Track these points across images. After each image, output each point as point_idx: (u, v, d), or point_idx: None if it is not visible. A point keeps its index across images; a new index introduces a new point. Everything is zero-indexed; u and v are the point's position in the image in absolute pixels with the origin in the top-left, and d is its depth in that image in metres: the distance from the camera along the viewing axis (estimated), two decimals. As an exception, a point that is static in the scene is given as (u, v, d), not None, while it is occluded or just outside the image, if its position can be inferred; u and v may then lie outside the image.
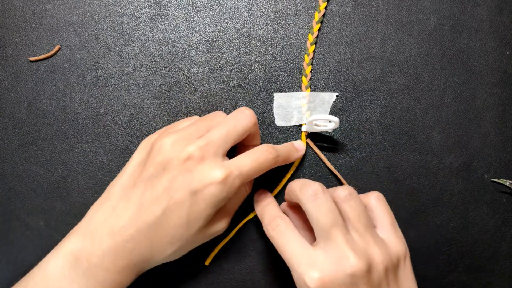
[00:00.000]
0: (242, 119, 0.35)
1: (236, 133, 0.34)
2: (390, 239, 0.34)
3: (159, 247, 0.33)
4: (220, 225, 0.35)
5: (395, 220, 0.35)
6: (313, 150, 0.41)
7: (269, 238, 0.34)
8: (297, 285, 0.32)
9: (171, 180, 0.32)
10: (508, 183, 0.41)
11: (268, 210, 0.36)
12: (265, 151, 0.35)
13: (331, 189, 0.34)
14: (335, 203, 0.33)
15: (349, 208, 0.33)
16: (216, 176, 0.32)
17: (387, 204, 0.36)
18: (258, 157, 0.34)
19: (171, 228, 0.33)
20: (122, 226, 0.32)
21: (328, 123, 0.38)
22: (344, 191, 0.33)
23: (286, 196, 0.36)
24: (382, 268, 0.31)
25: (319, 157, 0.41)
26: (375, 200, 0.35)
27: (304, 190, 0.33)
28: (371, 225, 0.33)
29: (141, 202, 0.33)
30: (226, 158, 0.34)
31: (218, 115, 0.36)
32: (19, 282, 0.33)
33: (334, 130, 0.40)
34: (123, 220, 0.32)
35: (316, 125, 0.39)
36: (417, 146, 0.41)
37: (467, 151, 0.41)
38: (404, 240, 0.34)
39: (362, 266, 0.30)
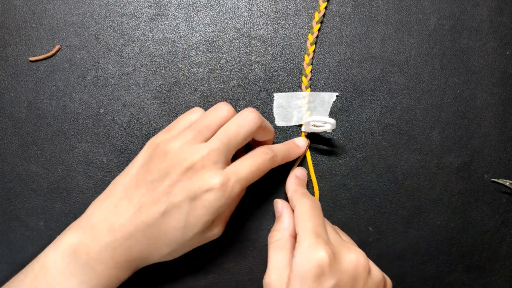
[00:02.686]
0: (246, 125, 0.35)
1: (238, 140, 0.34)
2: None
3: (156, 246, 0.34)
4: (216, 230, 0.36)
5: None
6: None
7: (296, 209, 0.36)
8: (300, 253, 0.32)
9: (171, 185, 0.33)
10: (508, 183, 0.41)
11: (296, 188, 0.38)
12: (261, 152, 0.36)
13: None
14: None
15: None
16: (214, 182, 0.33)
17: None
18: (255, 160, 0.35)
19: (169, 231, 0.33)
20: (122, 224, 0.33)
21: (325, 124, 0.38)
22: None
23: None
24: (376, 280, 0.34)
25: (306, 158, 0.41)
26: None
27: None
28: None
29: (142, 203, 0.33)
30: (230, 163, 0.35)
31: (221, 109, 0.36)
32: (17, 274, 0.34)
33: (333, 130, 0.40)
34: (124, 218, 0.33)
35: (315, 125, 0.39)
36: (417, 146, 0.41)
37: (467, 151, 0.41)
38: None
39: (367, 263, 0.33)
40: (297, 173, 0.40)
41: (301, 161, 0.41)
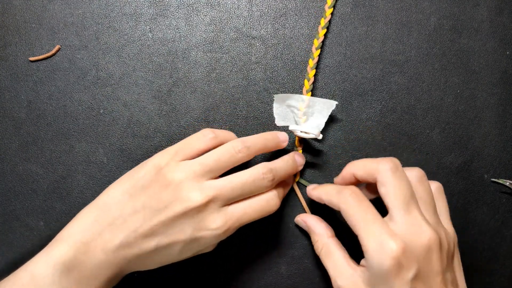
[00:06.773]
0: (264, 206, 0.35)
1: (249, 191, 0.34)
2: (448, 227, 0.35)
3: (150, 265, 0.35)
4: (208, 250, 0.36)
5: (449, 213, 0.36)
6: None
7: (341, 207, 0.33)
8: (371, 256, 0.31)
9: (170, 219, 0.33)
10: (508, 183, 0.41)
11: (330, 187, 0.36)
12: (264, 199, 0.35)
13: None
14: None
15: (424, 189, 0.34)
16: (216, 228, 0.33)
17: (445, 196, 0.36)
18: (258, 205, 0.35)
19: (163, 256, 0.34)
20: (116, 246, 0.32)
21: (312, 131, 0.38)
22: (419, 173, 0.34)
23: (352, 172, 0.35)
24: (447, 247, 0.32)
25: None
26: (437, 191, 0.36)
27: (384, 162, 0.33)
28: (436, 209, 0.34)
29: (138, 230, 0.33)
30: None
31: (238, 149, 0.35)
32: (2, 281, 0.33)
33: (333, 130, 0.40)
34: (118, 239, 0.32)
35: (305, 132, 0.38)
36: (417, 146, 0.41)
37: (467, 151, 0.41)
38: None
39: (437, 239, 0.31)
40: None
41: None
